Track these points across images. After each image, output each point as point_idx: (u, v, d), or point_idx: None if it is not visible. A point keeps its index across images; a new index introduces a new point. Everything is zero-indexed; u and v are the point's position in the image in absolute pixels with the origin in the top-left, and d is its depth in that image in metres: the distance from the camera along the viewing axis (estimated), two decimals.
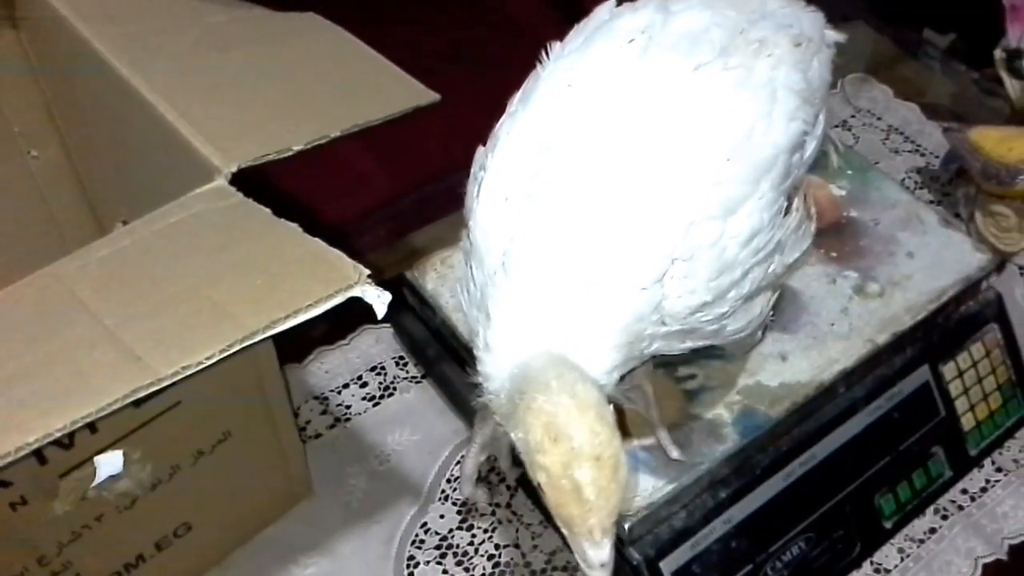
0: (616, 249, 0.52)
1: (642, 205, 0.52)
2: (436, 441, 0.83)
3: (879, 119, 1.11)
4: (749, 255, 0.54)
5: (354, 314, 0.47)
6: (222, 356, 0.40)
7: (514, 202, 0.54)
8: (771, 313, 0.68)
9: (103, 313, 0.43)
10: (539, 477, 0.49)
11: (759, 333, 0.69)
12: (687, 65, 0.55)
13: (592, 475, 0.48)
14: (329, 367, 0.88)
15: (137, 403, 0.57)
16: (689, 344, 0.57)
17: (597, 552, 0.49)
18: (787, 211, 0.58)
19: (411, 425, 0.84)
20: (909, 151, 1.08)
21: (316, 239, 0.46)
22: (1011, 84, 0.93)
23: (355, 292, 0.43)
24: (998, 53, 0.92)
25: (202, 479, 0.66)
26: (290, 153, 0.53)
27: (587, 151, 0.54)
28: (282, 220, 0.48)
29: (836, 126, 1.10)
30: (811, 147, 0.60)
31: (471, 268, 0.57)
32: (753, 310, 0.59)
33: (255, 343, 0.41)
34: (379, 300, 0.43)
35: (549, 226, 0.53)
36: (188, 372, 0.39)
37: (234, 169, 0.51)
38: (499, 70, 0.70)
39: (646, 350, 0.55)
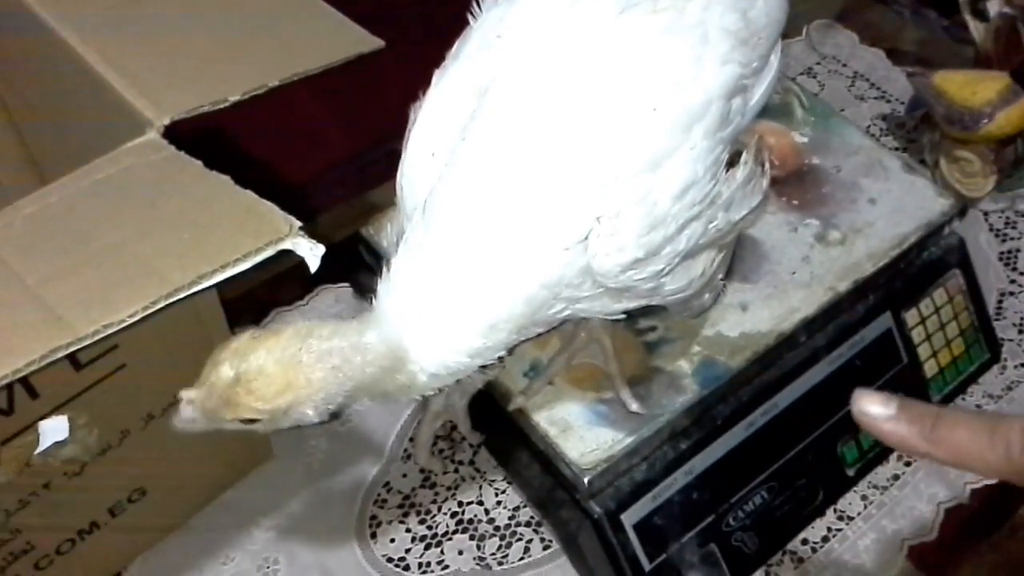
0: (537, 207, 0.51)
1: (564, 161, 0.51)
2: (398, 401, 0.82)
3: (844, 65, 1.10)
4: (684, 209, 0.52)
5: (312, 274, 0.46)
6: (146, 313, 0.38)
7: (440, 154, 0.53)
8: (721, 277, 0.67)
9: (25, 272, 0.41)
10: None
11: (707, 296, 0.67)
12: (614, 10, 0.53)
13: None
14: None
15: (78, 366, 0.57)
16: (625, 304, 0.55)
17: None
18: (733, 164, 0.57)
19: None
20: (875, 98, 1.06)
21: (248, 191, 0.44)
22: (975, 27, 0.92)
23: (286, 245, 0.42)
24: None
25: (154, 444, 0.65)
26: (226, 104, 0.51)
27: (513, 104, 0.52)
28: (213, 172, 0.46)
29: (801, 73, 1.08)
30: (757, 92, 0.57)
31: (399, 221, 0.57)
32: (694, 269, 0.57)
33: (181, 299, 0.39)
34: (311, 253, 0.42)
35: (473, 176, 0.52)
36: (110, 331, 0.38)
37: (167, 122, 0.50)
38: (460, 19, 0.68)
39: (558, 315, 0.54)
